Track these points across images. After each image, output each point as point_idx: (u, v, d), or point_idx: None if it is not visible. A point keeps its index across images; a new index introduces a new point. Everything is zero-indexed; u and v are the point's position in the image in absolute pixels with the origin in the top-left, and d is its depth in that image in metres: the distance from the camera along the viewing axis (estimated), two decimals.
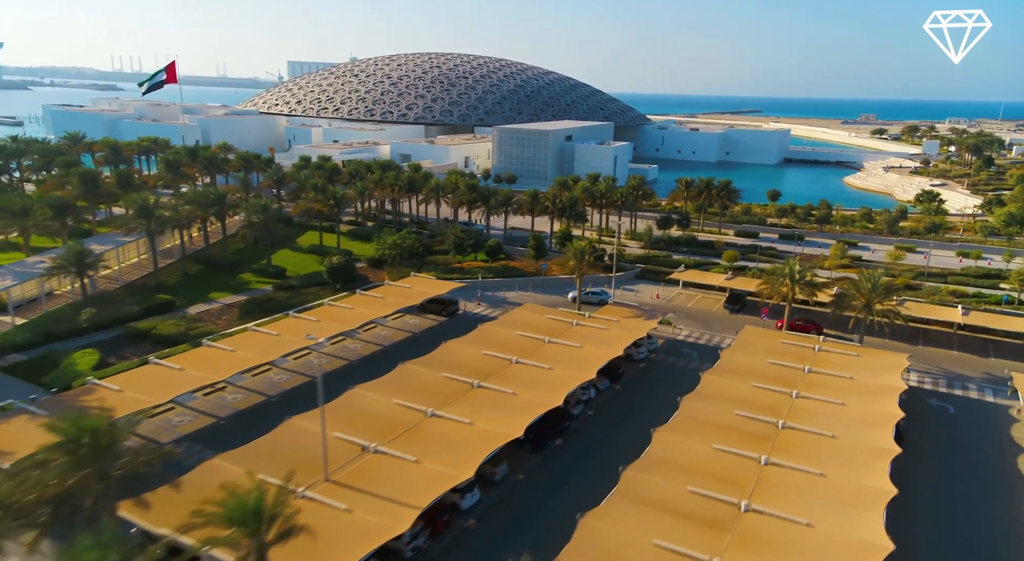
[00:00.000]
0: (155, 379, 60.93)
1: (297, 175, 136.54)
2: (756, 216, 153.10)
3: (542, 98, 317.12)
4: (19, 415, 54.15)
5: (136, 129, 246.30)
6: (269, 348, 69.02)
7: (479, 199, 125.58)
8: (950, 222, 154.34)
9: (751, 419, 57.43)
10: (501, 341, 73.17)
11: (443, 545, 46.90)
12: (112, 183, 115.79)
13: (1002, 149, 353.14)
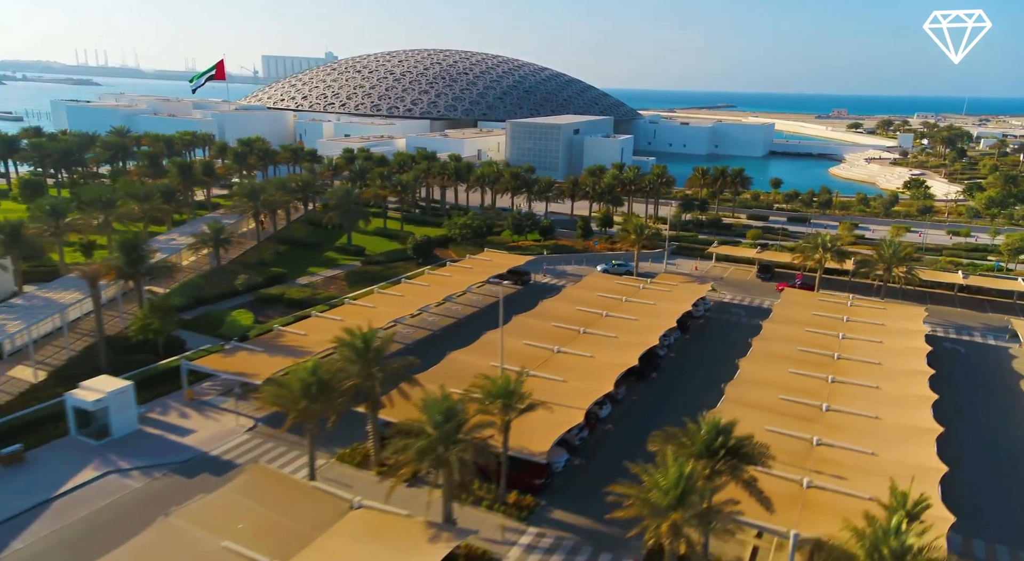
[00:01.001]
0: (327, 327, 73.86)
1: (351, 166, 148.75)
2: (763, 202, 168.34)
3: (540, 94, 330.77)
4: (240, 350, 67.24)
5: (152, 124, 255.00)
6: (399, 306, 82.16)
7: (523, 186, 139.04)
8: (937, 206, 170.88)
9: (812, 352, 71.99)
10: (587, 300, 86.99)
11: (595, 439, 60.78)
12: (199, 172, 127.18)
13: (971, 142, 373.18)
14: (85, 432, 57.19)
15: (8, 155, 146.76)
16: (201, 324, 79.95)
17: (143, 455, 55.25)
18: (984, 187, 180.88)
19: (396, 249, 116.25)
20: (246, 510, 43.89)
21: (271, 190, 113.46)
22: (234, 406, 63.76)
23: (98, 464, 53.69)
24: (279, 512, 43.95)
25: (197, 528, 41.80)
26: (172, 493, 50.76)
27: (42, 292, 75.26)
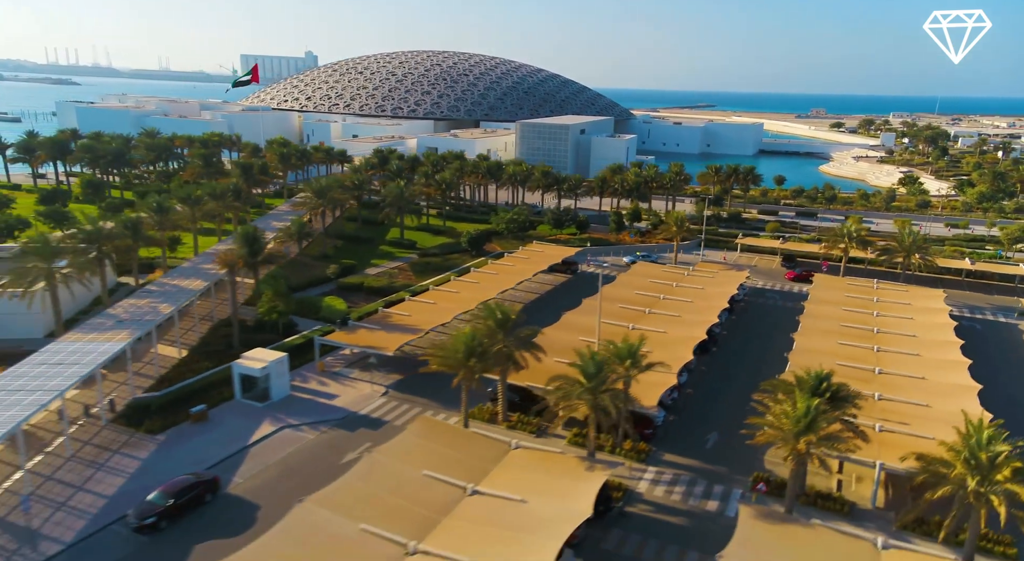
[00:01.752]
0: (425, 308, 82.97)
1: (387, 166, 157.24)
2: (771, 198, 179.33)
3: (539, 94, 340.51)
4: (359, 328, 76.45)
5: (164, 124, 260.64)
6: (479, 291, 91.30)
7: (553, 183, 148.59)
8: (932, 201, 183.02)
9: (854, 327, 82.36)
10: (643, 285, 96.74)
11: (681, 400, 70.57)
12: (257, 172, 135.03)
13: (948, 140, 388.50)
14: (249, 396, 65.94)
15: (60, 157, 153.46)
16: (301, 308, 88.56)
17: (304, 414, 64.09)
18: (974, 183, 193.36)
19: (447, 242, 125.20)
20: (428, 450, 53.04)
21: (335, 188, 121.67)
22: (369, 375, 72.78)
23: (271, 421, 62.48)
24: (455, 450, 53.17)
25: (396, 462, 50.92)
26: (342, 442, 59.79)
27: (168, 280, 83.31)
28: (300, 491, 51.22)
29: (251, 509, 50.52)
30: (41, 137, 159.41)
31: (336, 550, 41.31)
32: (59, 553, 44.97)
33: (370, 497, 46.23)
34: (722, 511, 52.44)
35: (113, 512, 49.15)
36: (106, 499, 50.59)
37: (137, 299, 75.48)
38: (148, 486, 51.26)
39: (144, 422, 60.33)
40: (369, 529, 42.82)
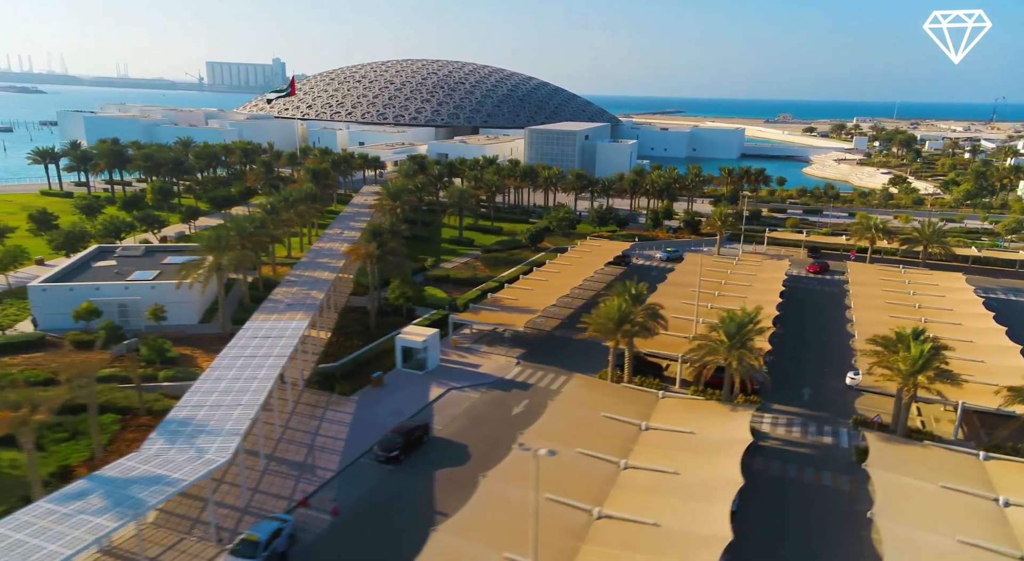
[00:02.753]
0: (525, 294, 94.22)
1: (429, 171, 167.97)
2: (778, 197, 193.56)
3: (533, 102, 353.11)
4: (482, 310, 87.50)
5: (175, 133, 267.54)
6: (565, 277, 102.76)
7: (587, 185, 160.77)
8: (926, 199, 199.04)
9: (897, 304, 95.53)
10: (704, 273, 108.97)
11: (768, 361, 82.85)
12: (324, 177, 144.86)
13: (916, 144, 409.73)
14: (409, 365, 76.69)
15: (118, 165, 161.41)
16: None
17: (461, 379, 75.02)
18: (958, 182, 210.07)
19: (504, 240, 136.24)
20: (595, 398, 64.45)
21: (406, 191, 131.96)
22: (493, 349, 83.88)
23: (436, 385, 73.31)
24: (617, 398, 64.66)
25: (578, 406, 62.24)
26: (503, 400, 70.94)
27: (300, 272, 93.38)
28: (491, 435, 62.76)
29: (461, 447, 61.46)
30: (94, 146, 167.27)
31: (562, 470, 52.40)
32: (333, 477, 55.63)
33: (573, 429, 57.55)
34: (836, 444, 64.65)
35: (355, 450, 59.79)
36: (342, 441, 61.16)
37: (287, 287, 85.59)
38: (370, 431, 62.02)
39: (336, 386, 70.79)
40: (585, 452, 54.21)
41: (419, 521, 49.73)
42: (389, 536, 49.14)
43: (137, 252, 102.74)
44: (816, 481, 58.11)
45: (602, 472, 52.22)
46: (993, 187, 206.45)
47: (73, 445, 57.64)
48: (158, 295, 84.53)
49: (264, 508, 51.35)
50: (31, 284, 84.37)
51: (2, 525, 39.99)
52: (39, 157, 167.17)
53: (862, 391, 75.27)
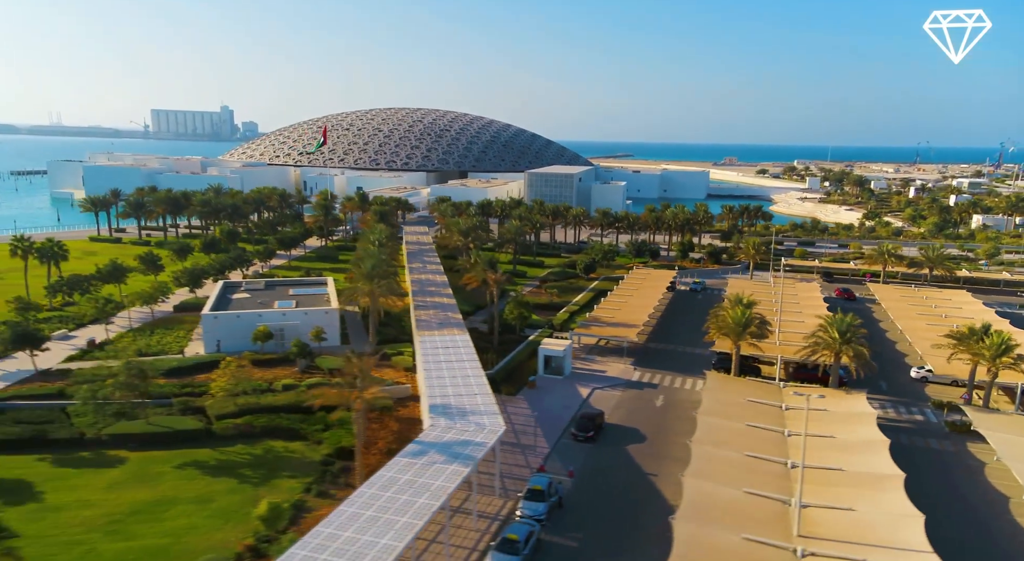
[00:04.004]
0: (615, 312, 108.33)
1: (465, 213, 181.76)
2: (771, 230, 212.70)
3: (516, 147, 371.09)
4: (591, 325, 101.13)
5: (176, 181, 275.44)
6: (641, 299, 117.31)
7: (612, 222, 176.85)
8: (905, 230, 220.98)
9: (930, 311, 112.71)
10: (751, 293, 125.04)
11: None
12: (375, 219, 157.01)
13: (867, 184, 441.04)
14: (549, 371, 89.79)
15: (176, 211, 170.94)
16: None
17: (597, 381, 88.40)
18: (925, 216, 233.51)
19: (556, 270, 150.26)
20: (735, 389, 78.67)
21: (475, 229, 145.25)
22: (605, 358, 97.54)
23: (581, 385, 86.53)
24: (750, 387, 79.04)
25: (727, 394, 76.34)
26: (643, 395, 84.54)
27: (425, 298, 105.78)
28: (650, 421, 76.74)
29: (632, 429, 74.79)
30: (149, 193, 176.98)
31: (737, 466, 66.28)
32: (550, 452, 68.45)
33: (734, 411, 71.61)
34: (927, 420, 79.90)
35: (553, 434, 72.65)
36: (539, 427, 73.93)
37: (423, 310, 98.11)
38: (553, 420, 75.06)
39: (502, 387, 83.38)
40: (753, 424, 68.30)
41: (638, 480, 63.19)
42: (619, 490, 62.13)
43: (259, 286, 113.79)
44: (926, 446, 73.10)
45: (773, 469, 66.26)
46: (955, 220, 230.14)
47: (337, 433, 69.09)
48: (312, 320, 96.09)
49: (514, 475, 63.82)
50: (204, 313, 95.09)
51: (387, 469, 52.12)
52: (91, 205, 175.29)
53: (927, 381, 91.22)
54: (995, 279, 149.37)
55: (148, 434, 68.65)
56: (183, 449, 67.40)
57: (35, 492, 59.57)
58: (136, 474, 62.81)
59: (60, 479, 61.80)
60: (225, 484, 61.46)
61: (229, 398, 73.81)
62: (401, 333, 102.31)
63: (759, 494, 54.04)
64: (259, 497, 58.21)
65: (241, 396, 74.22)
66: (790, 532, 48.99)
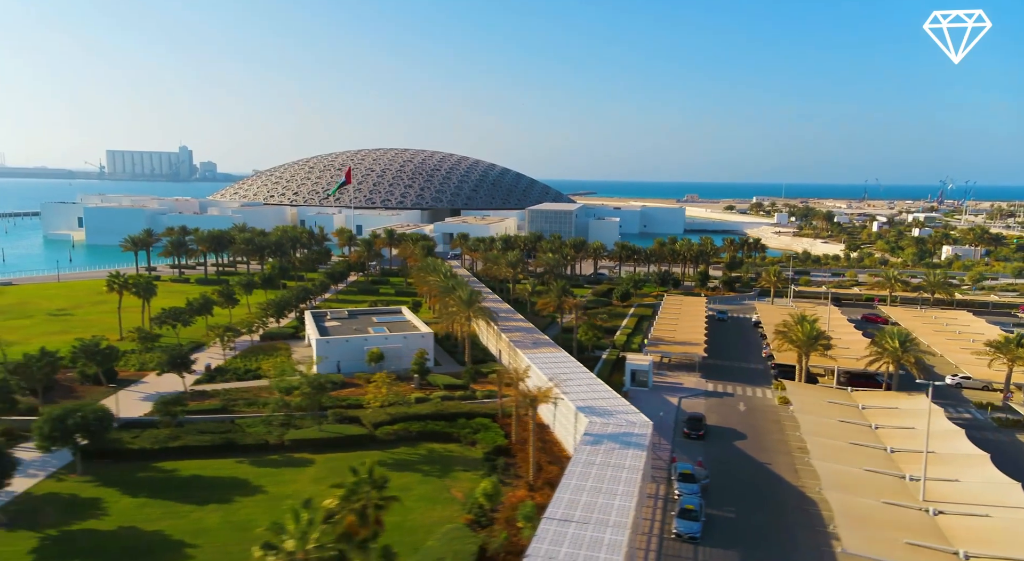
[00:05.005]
0: (671, 334, 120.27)
1: (493, 247, 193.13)
2: (767, 262, 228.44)
3: (503, 186, 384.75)
4: (660, 343, 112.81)
5: (180, 221, 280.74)
6: (689, 321, 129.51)
7: (632, 254, 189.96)
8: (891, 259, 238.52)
9: (950, 328, 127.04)
10: (783, 315, 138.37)
11: None
12: (418, 253, 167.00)
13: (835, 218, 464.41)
14: (635, 383, 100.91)
15: (220, 249, 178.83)
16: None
17: (680, 391, 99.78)
18: (903, 247, 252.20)
19: (593, 298, 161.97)
20: (819, 394, 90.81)
21: (521, 260, 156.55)
22: (674, 372, 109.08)
23: (667, 395, 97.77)
24: (826, 392, 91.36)
25: (815, 399, 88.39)
26: (726, 401, 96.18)
27: (505, 322, 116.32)
28: (743, 422, 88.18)
29: (730, 429, 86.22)
30: (194, 233, 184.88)
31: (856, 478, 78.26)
32: (673, 448, 79.41)
33: (820, 410, 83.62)
34: (974, 417, 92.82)
35: (665, 434, 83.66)
36: (640, 424, 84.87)
37: (511, 333, 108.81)
38: (656, 423, 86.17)
39: None
40: (845, 420, 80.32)
41: (757, 468, 74.82)
42: (746, 475, 73.39)
43: (343, 315, 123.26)
44: (983, 437, 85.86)
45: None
46: (929, 251, 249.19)
47: (487, 434, 79.07)
48: (412, 342, 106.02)
49: (654, 467, 74.60)
50: (316, 339, 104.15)
51: (580, 454, 62.65)
52: (132, 245, 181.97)
53: (961, 386, 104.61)
54: (984, 301, 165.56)
55: (321, 439, 77.83)
56: (354, 452, 76.66)
57: (255, 486, 68.42)
58: (330, 471, 71.89)
59: (268, 476, 70.69)
60: (412, 477, 70.99)
61: (381, 409, 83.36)
62: (482, 354, 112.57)
63: (895, 503, 62.36)
64: (447, 486, 68.21)
65: (391, 406, 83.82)
66: (943, 535, 54.44)
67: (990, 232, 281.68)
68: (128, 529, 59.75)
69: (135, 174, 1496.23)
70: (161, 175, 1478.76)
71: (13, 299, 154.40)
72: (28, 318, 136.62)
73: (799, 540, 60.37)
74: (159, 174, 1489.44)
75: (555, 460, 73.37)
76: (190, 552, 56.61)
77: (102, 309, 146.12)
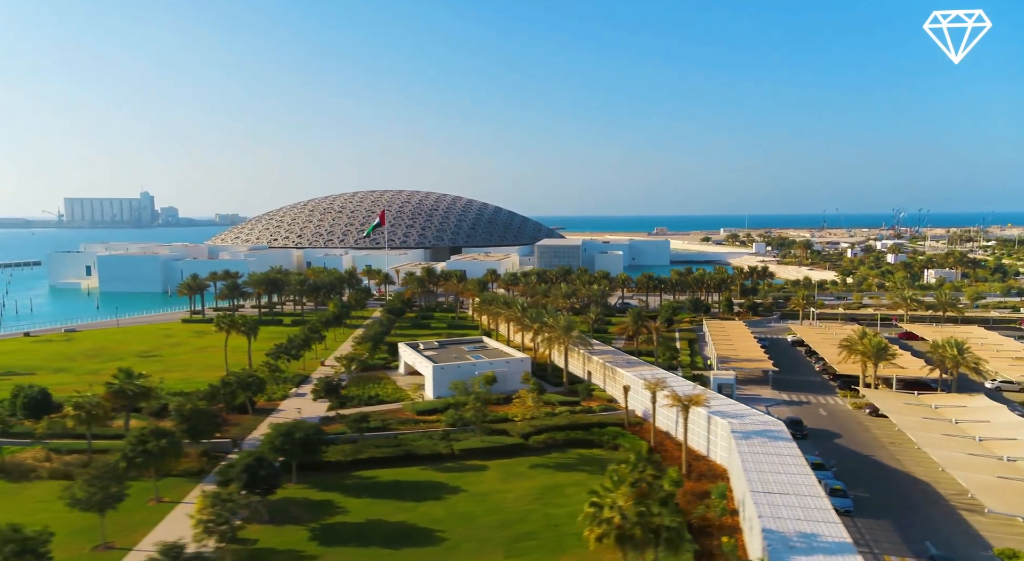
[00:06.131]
0: (728, 351, 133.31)
1: (532, 276, 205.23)
2: (774, 288, 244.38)
3: (499, 224, 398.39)
4: (729, 361, 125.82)
5: (195, 267, 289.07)
6: (740, 340, 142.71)
7: (658, 285, 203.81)
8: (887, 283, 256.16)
9: (972, 338, 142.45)
10: (822, 331, 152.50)
11: None
12: (475, 289, 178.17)
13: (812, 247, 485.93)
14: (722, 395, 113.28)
15: (275, 291, 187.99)
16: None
17: (762, 401, 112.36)
18: (892, 272, 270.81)
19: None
20: (891, 397, 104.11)
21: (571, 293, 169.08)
22: (755, 384, 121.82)
23: (756, 404, 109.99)
24: (898, 396, 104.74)
25: (897, 401, 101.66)
26: (808, 408, 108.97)
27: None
28: (833, 424, 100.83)
29: (824, 431, 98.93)
30: (252, 275, 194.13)
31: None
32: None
33: (905, 409, 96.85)
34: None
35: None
36: (772, 423, 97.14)
37: (602, 356, 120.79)
38: None
39: None
40: (929, 418, 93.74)
41: (862, 460, 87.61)
42: (859, 465, 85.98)
43: (434, 345, 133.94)
44: None
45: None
46: (917, 274, 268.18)
47: (627, 439, 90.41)
48: (515, 367, 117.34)
49: None
50: (432, 366, 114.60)
51: (740, 446, 74.65)
52: (188, 289, 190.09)
53: (1000, 390, 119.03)
54: (986, 317, 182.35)
55: (482, 448, 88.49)
56: (514, 458, 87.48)
57: (453, 486, 78.82)
58: (508, 473, 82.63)
59: (457, 479, 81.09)
60: (580, 475, 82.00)
61: (525, 421, 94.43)
62: (570, 375, 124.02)
63: (1008, 478, 76.00)
64: None
65: (534, 419, 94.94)
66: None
67: (968, 256, 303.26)
68: (375, 521, 69.85)
69: (95, 221, 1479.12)
70: (122, 222, 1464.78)
71: (91, 344, 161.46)
72: (121, 360, 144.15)
73: (935, 509, 72.99)
74: (120, 221, 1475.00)
75: (693, 459, 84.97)
76: (442, 535, 66.99)
77: (184, 350, 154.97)
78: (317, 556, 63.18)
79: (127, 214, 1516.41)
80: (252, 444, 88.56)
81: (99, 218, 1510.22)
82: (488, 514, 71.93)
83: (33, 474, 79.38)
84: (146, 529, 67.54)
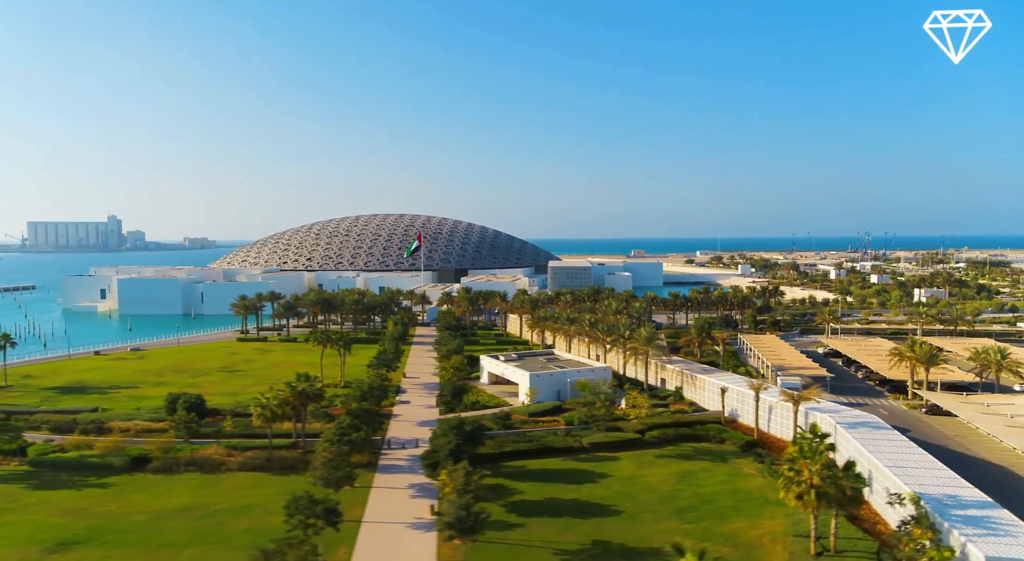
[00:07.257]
0: (783, 362, 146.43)
1: (565, 296, 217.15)
2: (784, 305, 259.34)
3: (500, 246, 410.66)
4: (787, 367, 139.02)
5: (213, 290, 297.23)
6: (785, 354, 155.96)
7: (683, 304, 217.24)
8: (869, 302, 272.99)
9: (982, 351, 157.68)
10: (859, 342, 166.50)
11: None
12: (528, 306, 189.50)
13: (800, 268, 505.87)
14: None
15: (328, 311, 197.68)
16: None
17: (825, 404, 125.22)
18: (888, 291, 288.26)
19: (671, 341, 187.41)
20: (955, 399, 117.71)
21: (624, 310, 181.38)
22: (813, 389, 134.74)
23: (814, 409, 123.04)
24: (961, 397, 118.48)
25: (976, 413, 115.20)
26: (868, 408, 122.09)
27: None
28: (895, 422, 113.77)
29: (900, 428, 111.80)
30: (305, 295, 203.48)
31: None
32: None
33: (965, 409, 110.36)
34: None
35: None
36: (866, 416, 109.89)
37: (677, 365, 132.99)
38: None
39: None
40: (989, 413, 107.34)
41: (942, 450, 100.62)
42: (940, 455, 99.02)
43: (513, 357, 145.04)
44: None
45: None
46: (910, 293, 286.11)
47: (732, 433, 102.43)
48: (598, 374, 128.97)
49: None
50: (530, 375, 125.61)
51: (846, 435, 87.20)
52: (243, 309, 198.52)
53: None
54: (989, 331, 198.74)
55: (607, 442, 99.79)
56: (634, 451, 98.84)
57: (598, 473, 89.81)
58: (639, 463, 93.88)
59: (598, 467, 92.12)
60: (704, 463, 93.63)
61: (638, 420, 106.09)
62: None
63: None
64: (740, 467, 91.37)
65: (648, 417, 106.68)
66: None
67: (954, 276, 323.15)
68: (552, 499, 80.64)
69: (59, 245, 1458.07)
70: (88, 246, 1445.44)
71: (168, 361, 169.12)
72: (207, 375, 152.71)
73: (1019, 485, 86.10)
74: (86, 245, 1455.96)
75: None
76: (616, 508, 78.11)
77: (258, 365, 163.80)
78: (523, 523, 73.93)
79: (93, 238, 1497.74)
80: (398, 442, 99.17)
81: (64, 242, 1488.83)
82: (643, 493, 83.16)
83: (223, 467, 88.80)
84: (358, 508, 77.56)
